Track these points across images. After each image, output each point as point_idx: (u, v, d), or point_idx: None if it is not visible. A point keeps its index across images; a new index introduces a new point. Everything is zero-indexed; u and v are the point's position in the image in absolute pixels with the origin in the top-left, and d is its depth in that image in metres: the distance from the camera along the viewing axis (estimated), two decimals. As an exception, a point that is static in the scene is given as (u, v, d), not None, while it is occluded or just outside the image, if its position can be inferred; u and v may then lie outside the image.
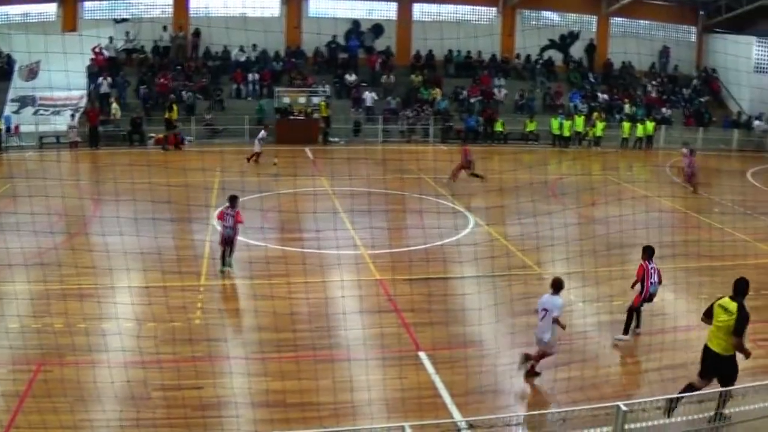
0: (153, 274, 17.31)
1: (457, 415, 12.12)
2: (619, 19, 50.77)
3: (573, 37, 49.96)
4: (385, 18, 46.66)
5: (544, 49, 48.88)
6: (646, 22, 51.62)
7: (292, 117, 40.26)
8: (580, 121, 43.24)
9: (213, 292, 17.62)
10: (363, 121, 42.09)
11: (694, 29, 52.76)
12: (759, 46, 48.00)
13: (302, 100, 41.33)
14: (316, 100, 41.29)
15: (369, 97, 42.71)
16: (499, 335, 15.01)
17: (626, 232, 20.66)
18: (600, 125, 43.53)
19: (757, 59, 47.97)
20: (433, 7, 46.82)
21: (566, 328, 13.77)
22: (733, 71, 47.01)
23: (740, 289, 12.21)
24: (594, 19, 50.39)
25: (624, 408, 10.12)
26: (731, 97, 49.83)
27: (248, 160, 33.82)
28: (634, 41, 49.52)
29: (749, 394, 11.19)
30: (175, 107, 39.50)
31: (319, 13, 45.62)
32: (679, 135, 45.61)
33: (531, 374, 13.65)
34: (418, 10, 46.67)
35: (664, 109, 47.78)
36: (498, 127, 42.71)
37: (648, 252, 15.74)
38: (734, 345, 11.86)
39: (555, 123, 43.13)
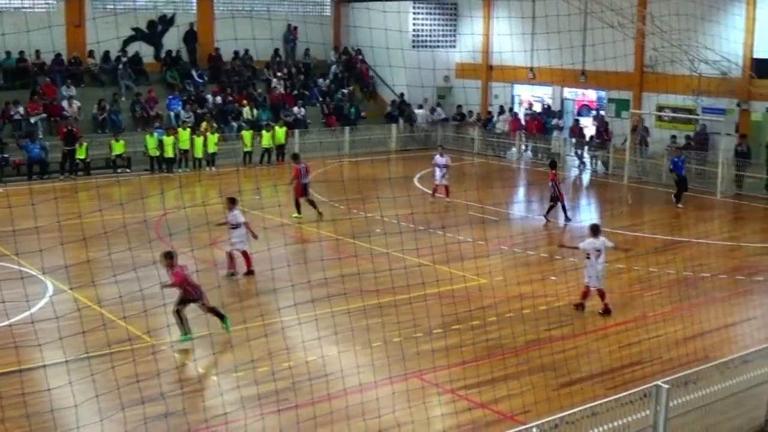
0: None
1: None
2: (226, -7, 52.83)
3: (166, 22, 51.11)
4: None
5: (127, 41, 49.47)
6: (264, -5, 54.17)
7: None
8: (185, 134, 44.21)
9: None
10: None
11: (328, 0, 55.97)
12: (417, 14, 51.94)
13: None
14: None
15: None
16: (106, 434, 15.14)
17: (263, 274, 21.36)
18: (212, 138, 44.79)
19: (415, 32, 51.72)
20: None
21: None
22: (383, 50, 49.96)
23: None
24: (193, -4, 52.06)
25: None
26: (384, 83, 53.60)
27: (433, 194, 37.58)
28: (248, 22, 51.17)
29: None
30: None
31: None
32: (318, 140, 48.02)
33: (607, 312, 22.32)
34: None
35: (296, 109, 50.65)
36: (80, 154, 42.17)
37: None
38: None
39: (151, 141, 43.79)
